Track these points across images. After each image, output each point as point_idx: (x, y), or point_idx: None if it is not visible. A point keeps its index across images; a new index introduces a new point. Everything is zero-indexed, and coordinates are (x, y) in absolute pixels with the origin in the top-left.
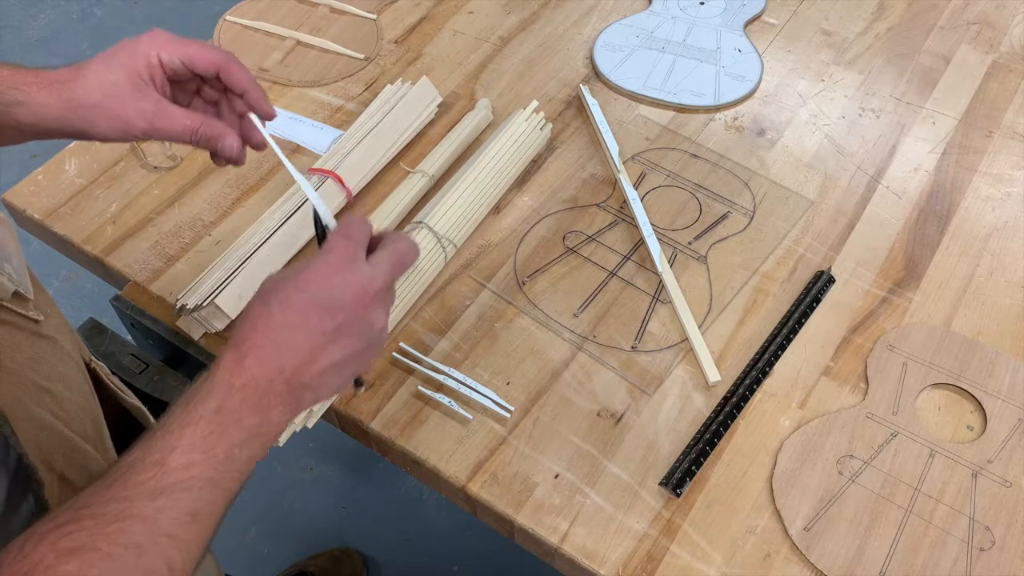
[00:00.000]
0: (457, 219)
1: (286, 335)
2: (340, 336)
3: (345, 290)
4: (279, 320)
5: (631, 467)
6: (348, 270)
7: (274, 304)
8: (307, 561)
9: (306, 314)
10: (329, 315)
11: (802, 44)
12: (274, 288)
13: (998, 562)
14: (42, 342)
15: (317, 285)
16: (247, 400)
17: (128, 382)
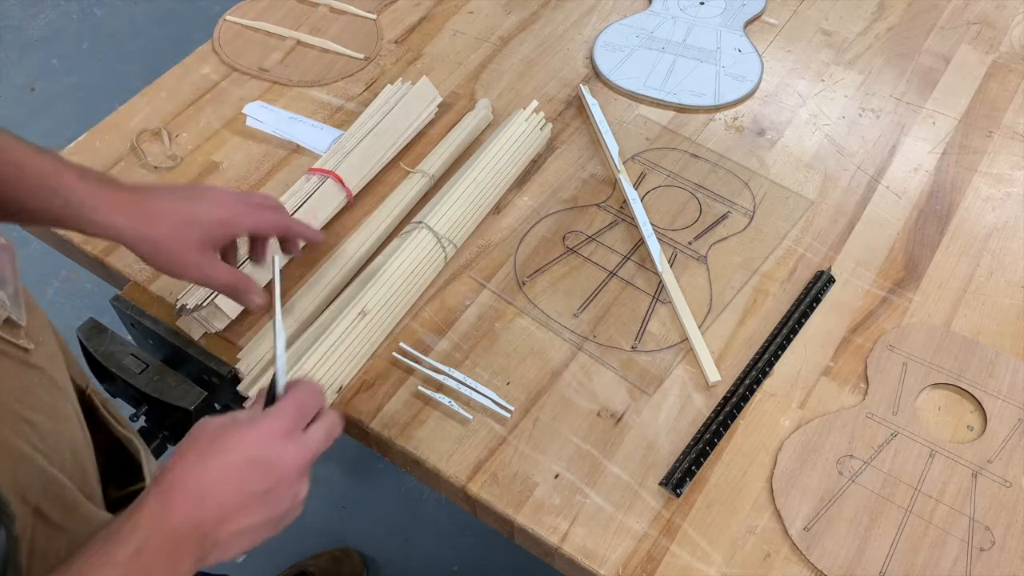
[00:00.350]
0: (457, 219)
1: (216, 488)
2: (266, 500)
3: (284, 457)
4: (214, 471)
5: (631, 467)
6: (292, 439)
7: (212, 453)
8: (307, 561)
9: (242, 471)
10: (263, 477)
11: (802, 44)
12: (215, 436)
13: (998, 562)
14: (30, 371)
15: (261, 446)
16: (163, 548)
17: (128, 382)
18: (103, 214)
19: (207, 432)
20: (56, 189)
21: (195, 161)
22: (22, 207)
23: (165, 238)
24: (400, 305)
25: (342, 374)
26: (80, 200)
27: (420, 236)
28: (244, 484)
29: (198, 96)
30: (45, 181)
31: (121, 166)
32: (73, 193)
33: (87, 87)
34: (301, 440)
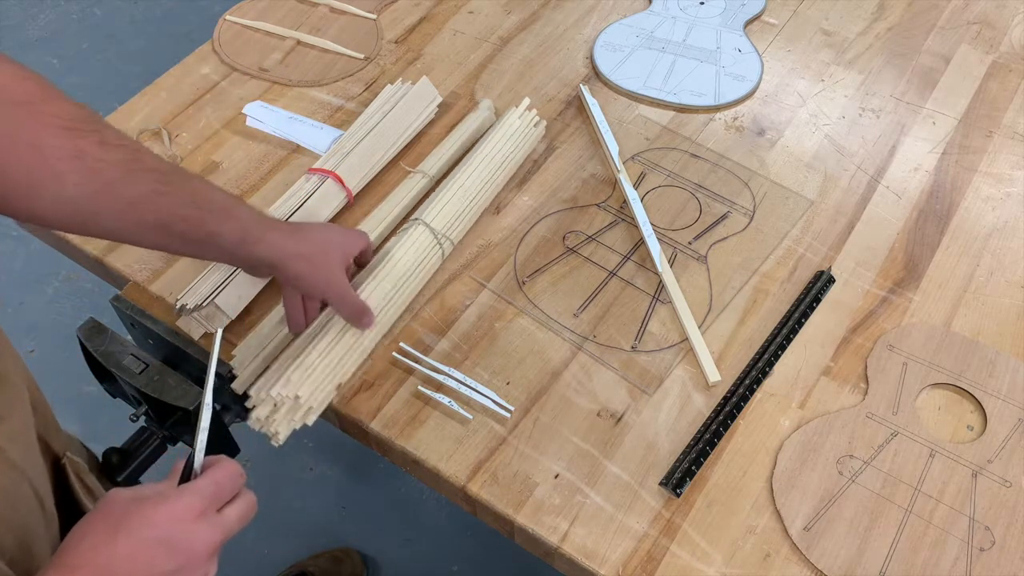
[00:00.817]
0: (453, 216)
1: (123, 568)
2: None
3: (196, 538)
4: (121, 550)
5: (631, 467)
6: (206, 519)
7: (121, 532)
8: (307, 561)
9: (151, 551)
10: (172, 557)
11: (802, 44)
12: (126, 512)
13: (998, 562)
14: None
15: (172, 525)
16: None
17: (128, 382)
18: (264, 233)
19: (117, 507)
20: (234, 216)
21: (195, 161)
22: (202, 238)
23: (317, 255)
24: (398, 303)
25: (340, 372)
26: (245, 226)
27: (417, 233)
28: (152, 565)
29: (198, 96)
30: (227, 210)
31: None
32: (243, 219)
33: (87, 87)
34: (214, 521)
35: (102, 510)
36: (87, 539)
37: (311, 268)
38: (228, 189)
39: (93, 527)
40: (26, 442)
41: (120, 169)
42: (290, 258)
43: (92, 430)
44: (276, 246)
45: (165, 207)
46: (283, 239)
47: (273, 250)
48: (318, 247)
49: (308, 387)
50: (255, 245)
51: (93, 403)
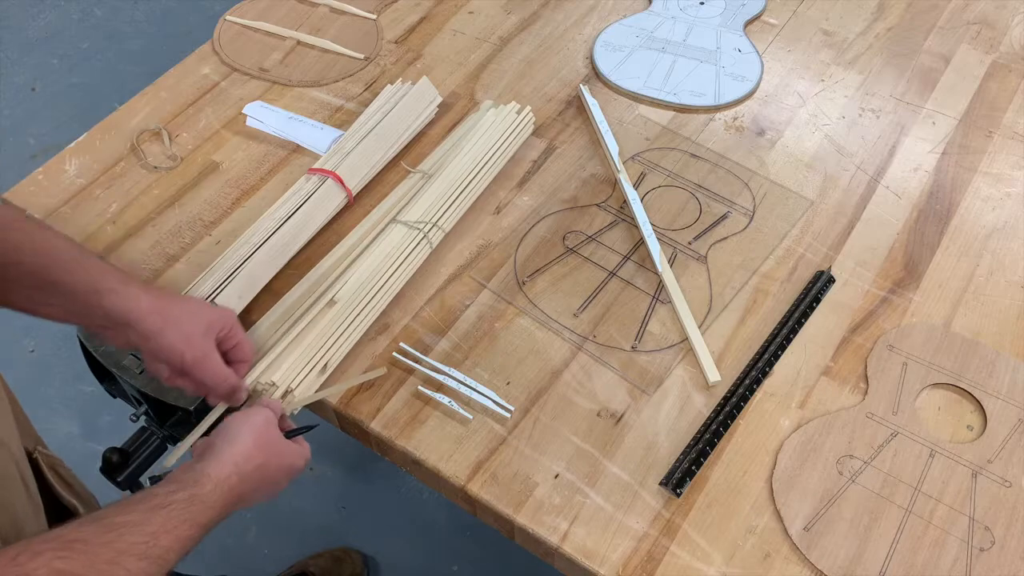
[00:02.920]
0: (434, 204)
1: (253, 485)
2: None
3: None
4: (261, 474)
5: (631, 467)
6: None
7: (263, 460)
8: (307, 561)
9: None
10: (283, 479)
11: (802, 44)
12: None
13: (998, 562)
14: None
15: (292, 464)
16: (211, 522)
17: (128, 382)
18: (118, 284)
19: (262, 437)
20: (84, 267)
21: (195, 161)
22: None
23: (177, 315)
24: (385, 296)
25: (320, 355)
26: (95, 276)
27: (391, 230)
28: (271, 481)
29: (198, 96)
30: (76, 260)
31: (121, 166)
32: (93, 270)
33: (87, 87)
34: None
35: (252, 438)
36: (242, 459)
37: (168, 325)
38: (228, 189)
39: (247, 450)
40: (7, 422)
41: None
42: (145, 313)
43: (92, 430)
44: (130, 298)
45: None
46: (139, 292)
47: (126, 302)
48: (179, 308)
49: (282, 372)
50: (106, 295)
51: (93, 403)
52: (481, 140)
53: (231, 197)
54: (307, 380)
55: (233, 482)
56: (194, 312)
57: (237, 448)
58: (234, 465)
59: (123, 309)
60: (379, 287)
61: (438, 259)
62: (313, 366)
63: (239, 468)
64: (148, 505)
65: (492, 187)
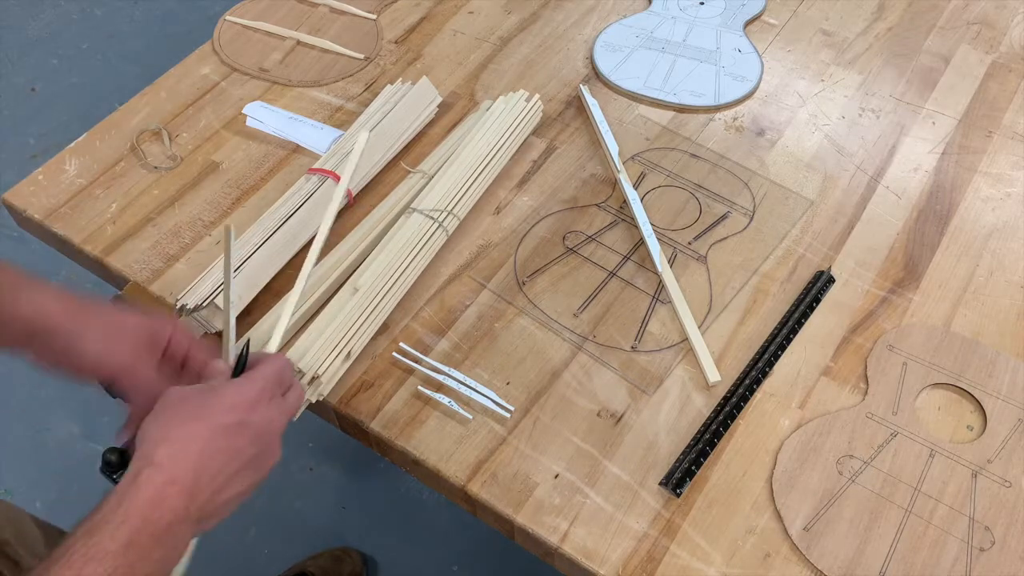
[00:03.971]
0: (449, 191)
1: (211, 458)
2: (254, 464)
3: (271, 419)
4: (203, 439)
5: (631, 467)
6: (275, 403)
7: (197, 419)
8: (307, 561)
9: (234, 438)
10: (254, 442)
11: (802, 44)
12: (200, 405)
13: (998, 562)
14: None
15: (248, 409)
16: (158, 533)
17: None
18: (32, 292)
19: (187, 401)
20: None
21: (195, 161)
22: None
23: (103, 323)
24: (397, 294)
25: (352, 344)
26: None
27: (410, 221)
28: (237, 450)
29: (198, 96)
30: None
31: (121, 166)
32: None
33: (87, 87)
34: (281, 404)
35: (173, 406)
36: (165, 436)
37: (88, 332)
38: (228, 189)
39: (168, 422)
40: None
41: None
42: (63, 319)
43: (92, 430)
44: (44, 303)
45: None
46: (57, 297)
47: (39, 308)
48: (106, 316)
49: (308, 359)
50: (21, 301)
51: (93, 403)
52: (492, 128)
53: (231, 197)
54: (332, 366)
55: (200, 501)
56: (128, 324)
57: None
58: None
59: (32, 315)
60: (399, 275)
61: (438, 259)
62: (338, 353)
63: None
64: (48, 559)
65: (492, 187)
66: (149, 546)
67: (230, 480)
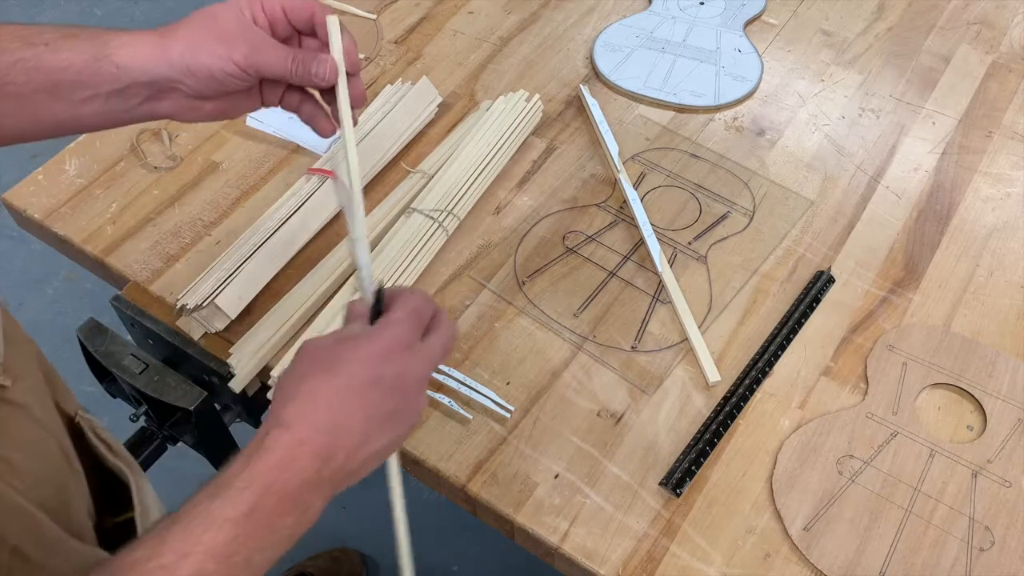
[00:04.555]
0: (449, 190)
1: (346, 417)
2: (393, 420)
3: (409, 372)
4: (340, 397)
5: (631, 467)
6: (413, 352)
7: (333, 376)
8: (306, 562)
9: (368, 392)
10: (391, 396)
11: (802, 44)
12: (333, 359)
13: (998, 562)
14: (6, 408)
15: (384, 363)
16: (286, 498)
17: (128, 382)
18: (130, 36)
19: (321, 352)
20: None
21: (195, 161)
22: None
23: (202, 25)
24: (400, 282)
25: None
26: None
27: (409, 221)
28: (372, 406)
29: None
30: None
31: (121, 166)
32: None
33: None
34: (422, 352)
35: (307, 358)
36: (300, 392)
37: (202, 45)
38: (228, 189)
39: (304, 377)
40: (44, 399)
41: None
42: (171, 46)
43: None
44: (143, 43)
45: None
46: (148, 33)
47: (139, 50)
48: (204, 22)
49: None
50: (118, 49)
51: (93, 403)
52: (492, 128)
53: (231, 197)
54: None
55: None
56: (214, 12)
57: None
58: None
59: (141, 57)
60: (399, 275)
61: (438, 259)
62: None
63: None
64: (170, 519)
65: (492, 187)
66: (275, 512)
67: (367, 438)
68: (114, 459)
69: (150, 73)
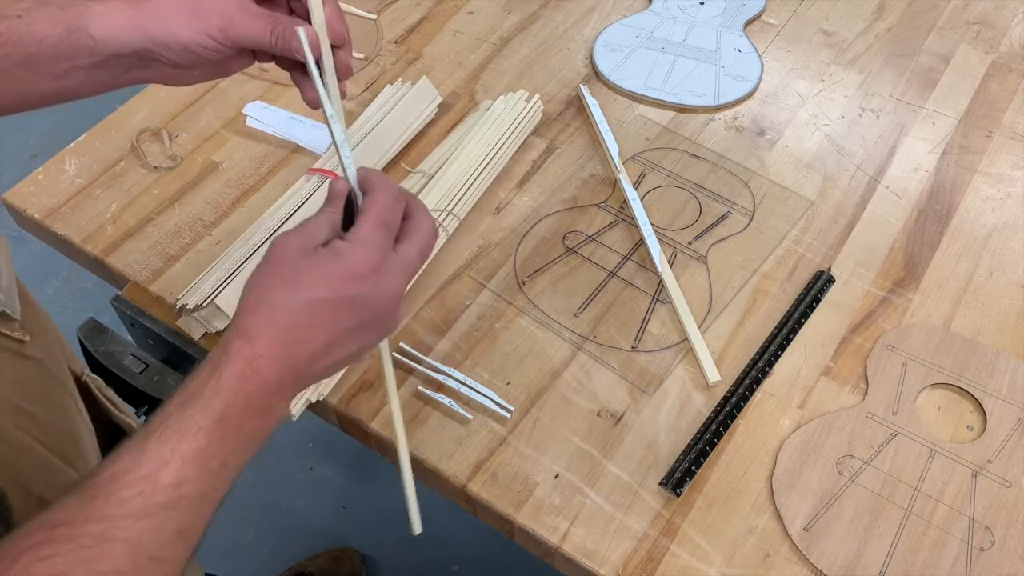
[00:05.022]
0: (450, 190)
1: (305, 332)
2: (361, 332)
3: (377, 292)
4: (302, 311)
5: (631, 467)
6: (383, 269)
7: (297, 287)
8: (306, 562)
9: (332, 312)
10: (357, 313)
11: (802, 44)
12: (298, 272)
13: (998, 562)
14: (26, 363)
15: (349, 284)
16: (252, 405)
17: (128, 382)
18: (103, 6)
19: (287, 262)
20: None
21: (195, 161)
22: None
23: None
24: None
25: None
26: (78, 18)
27: None
28: (335, 324)
29: (198, 96)
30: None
31: (121, 166)
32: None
33: None
34: (393, 268)
35: (273, 266)
36: (263, 302)
37: (175, 13)
38: (228, 189)
39: (268, 287)
40: (58, 356)
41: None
42: (145, 17)
43: None
44: (116, 12)
45: None
46: (121, 3)
47: (114, 21)
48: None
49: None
50: (92, 21)
51: None
52: (492, 128)
53: (231, 197)
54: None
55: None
56: None
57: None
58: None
59: (116, 29)
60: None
61: (438, 259)
62: None
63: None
64: (144, 431)
65: (492, 187)
66: (241, 419)
67: (330, 349)
68: (121, 415)
69: (127, 46)
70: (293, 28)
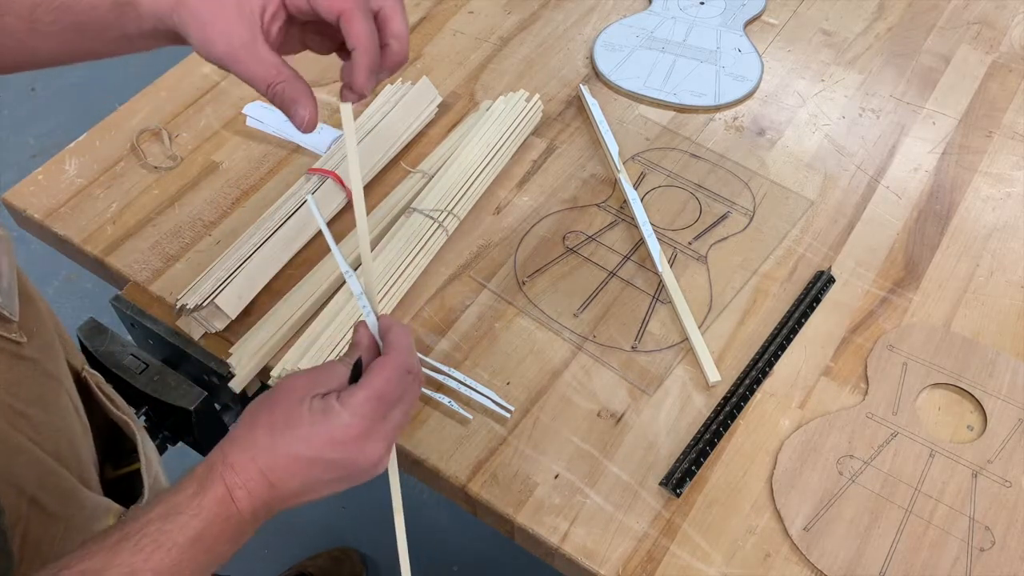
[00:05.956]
0: (449, 191)
1: (281, 477)
2: (337, 483)
3: (359, 455)
4: (285, 459)
5: (631, 467)
6: (367, 436)
7: (281, 442)
8: (307, 562)
9: (308, 467)
10: (334, 470)
11: (802, 44)
12: (287, 423)
13: (998, 562)
14: (22, 364)
15: (329, 448)
16: (227, 532)
17: (128, 382)
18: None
19: (284, 403)
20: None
21: (195, 161)
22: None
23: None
24: (399, 282)
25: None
26: None
27: (409, 221)
28: (312, 475)
29: (198, 96)
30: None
31: (121, 166)
32: None
33: (87, 86)
34: (379, 433)
35: (272, 404)
36: (249, 441)
37: (195, 19)
38: (228, 189)
39: (258, 426)
40: (56, 354)
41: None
42: (179, 6)
43: None
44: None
45: None
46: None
47: (154, 20)
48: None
49: (308, 359)
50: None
51: None
52: (492, 128)
53: (231, 197)
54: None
55: (272, 507)
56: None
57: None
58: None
59: (161, 7)
60: (399, 275)
61: (438, 259)
62: (338, 353)
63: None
64: (121, 531)
65: (492, 187)
66: (216, 541)
67: (305, 492)
68: (118, 412)
69: (169, 23)
70: (293, 96)
